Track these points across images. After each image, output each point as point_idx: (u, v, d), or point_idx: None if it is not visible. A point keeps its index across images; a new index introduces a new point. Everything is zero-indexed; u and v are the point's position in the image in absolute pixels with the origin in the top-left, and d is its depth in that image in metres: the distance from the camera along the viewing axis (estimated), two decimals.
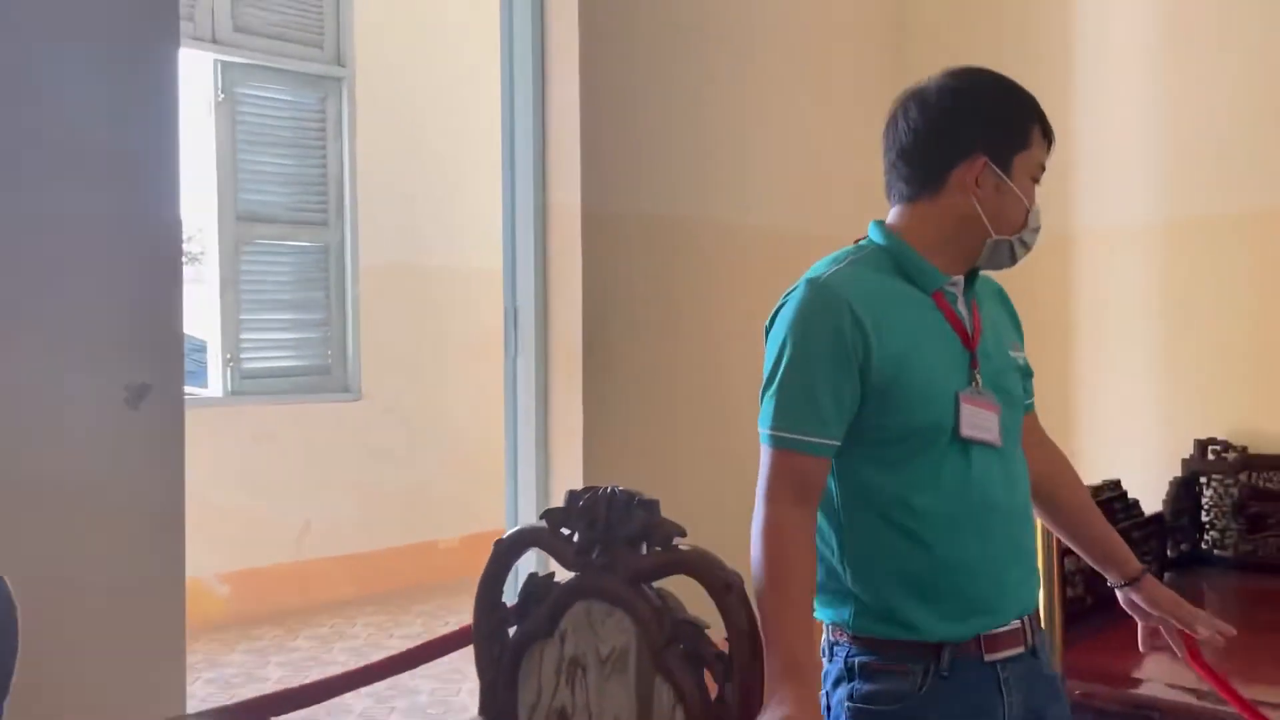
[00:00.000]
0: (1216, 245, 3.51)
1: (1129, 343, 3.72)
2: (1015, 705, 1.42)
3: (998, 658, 1.41)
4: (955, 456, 1.41)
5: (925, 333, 1.43)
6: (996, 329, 1.52)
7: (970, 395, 1.41)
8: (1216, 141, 3.50)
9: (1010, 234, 1.46)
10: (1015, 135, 1.45)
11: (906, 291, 1.44)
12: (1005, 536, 1.44)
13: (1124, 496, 3.10)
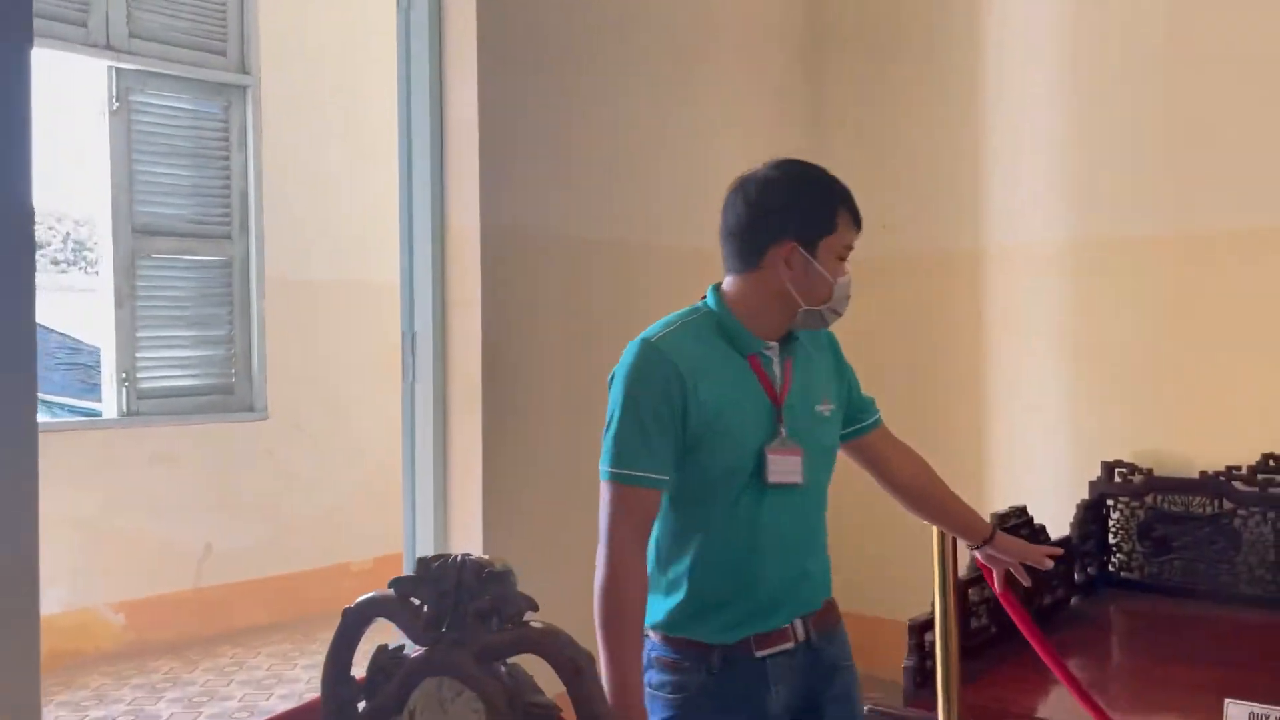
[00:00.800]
0: (1125, 266, 3.53)
1: (1041, 362, 3.72)
2: (782, 693, 1.70)
3: (767, 653, 1.69)
4: (752, 495, 1.68)
5: (738, 390, 1.68)
6: (811, 384, 1.77)
7: (775, 447, 1.68)
8: (1126, 163, 3.52)
9: (818, 305, 1.71)
10: (822, 223, 1.69)
11: (725, 353, 1.69)
12: (789, 560, 1.72)
13: (1030, 523, 3.08)
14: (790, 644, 1.72)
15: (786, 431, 1.69)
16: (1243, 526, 3.22)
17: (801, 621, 1.73)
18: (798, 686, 1.73)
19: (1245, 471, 3.22)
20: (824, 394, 1.81)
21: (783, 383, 1.72)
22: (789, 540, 1.73)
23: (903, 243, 4.05)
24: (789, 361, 1.75)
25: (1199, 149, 3.36)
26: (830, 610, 1.80)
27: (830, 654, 1.78)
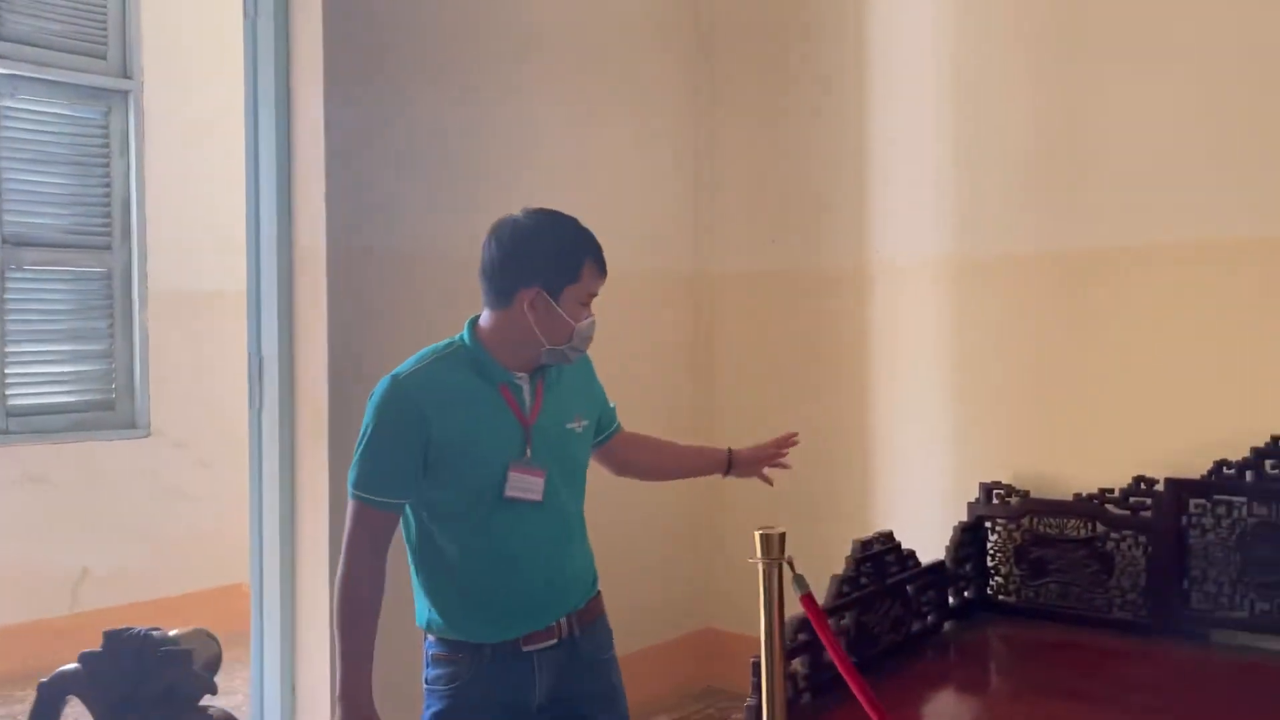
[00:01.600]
0: (1005, 286, 3.48)
1: (923, 382, 3.66)
2: (544, 684, 1.90)
3: (533, 649, 1.89)
4: (502, 511, 1.85)
5: (485, 417, 1.85)
6: (563, 404, 1.96)
7: (520, 465, 1.86)
8: (1006, 183, 3.47)
9: (560, 345, 1.89)
10: (567, 272, 1.86)
11: (475, 384, 1.86)
12: (548, 564, 1.92)
13: (896, 549, 3.01)
14: (555, 640, 1.91)
15: (531, 452, 1.87)
16: (1115, 550, 3.18)
17: (567, 619, 1.93)
18: (560, 676, 1.93)
19: (1118, 494, 3.18)
20: (576, 412, 2.00)
21: (533, 406, 1.91)
22: (545, 547, 1.92)
23: (789, 258, 3.98)
24: (540, 384, 1.93)
25: (1078, 169, 3.32)
26: (593, 606, 2.01)
27: (590, 647, 1.98)
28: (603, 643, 2.04)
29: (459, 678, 1.87)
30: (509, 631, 1.86)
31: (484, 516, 1.84)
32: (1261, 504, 2.94)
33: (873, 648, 2.84)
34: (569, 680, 1.94)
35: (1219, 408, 3.06)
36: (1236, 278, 3.05)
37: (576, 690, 1.96)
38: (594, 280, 1.90)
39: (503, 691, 1.87)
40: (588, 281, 1.88)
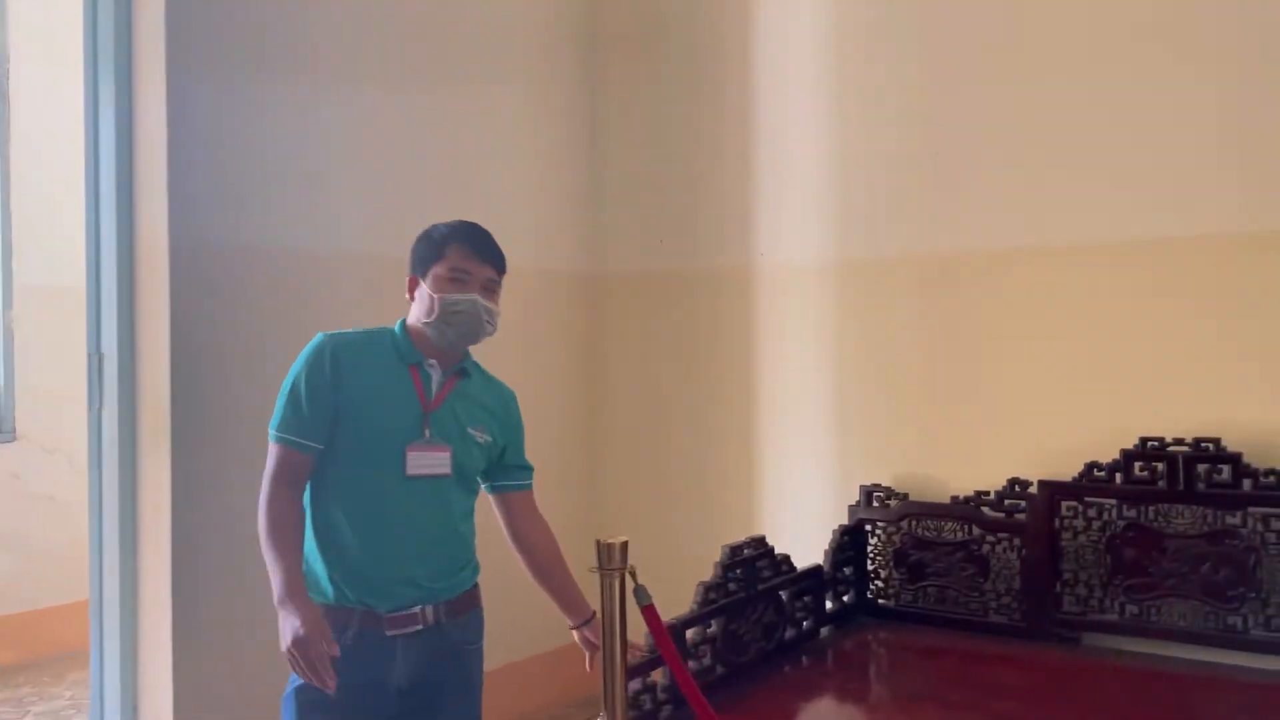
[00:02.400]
0: (885, 288, 3.44)
1: (808, 384, 3.62)
2: (404, 667, 1.98)
3: (398, 633, 1.97)
4: (395, 487, 1.97)
5: (390, 393, 2.00)
6: (469, 411, 2.09)
7: (419, 445, 1.99)
8: (886, 185, 3.44)
9: (431, 319, 2.03)
10: (432, 254, 2.06)
11: (390, 362, 2.03)
12: (428, 552, 2.01)
13: (770, 553, 2.95)
14: (420, 626, 1.99)
15: (430, 434, 2.00)
16: (990, 552, 3.16)
17: (434, 608, 2.01)
18: (421, 662, 2.00)
19: (993, 496, 3.15)
20: (482, 423, 2.11)
21: (438, 394, 2.04)
22: (428, 534, 2.01)
23: (678, 258, 3.91)
24: (451, 382, 2.08)
25: (956, 172, 3.29)
26: (466, 599, 2.09)
27: (457, 635, 2.06)
28: (471, 634, 2.12)
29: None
30: (378, 604, 1.94)
31: (376, 490, 1.95)
32: (1130, 506, 2.93)
33: (742, 655, 2.77)
34: (431, 666, 2.02)
35: (1091, 410, 3.05)
36: (1106, 280, 3.04)
37: (436, 677, 2.03)
38: (462, 259, 2.03)
39: (364, 671, 1.94)
40: (453, 259, 2.02)
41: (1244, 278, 2.84)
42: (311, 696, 1.92)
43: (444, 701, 2.06)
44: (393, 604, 1.97)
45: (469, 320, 2.02)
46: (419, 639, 2.00)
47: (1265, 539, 2.75)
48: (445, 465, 2.01)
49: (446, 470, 2.01)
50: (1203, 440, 2.83)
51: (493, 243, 2.10)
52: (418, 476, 1.98)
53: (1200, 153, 2.90)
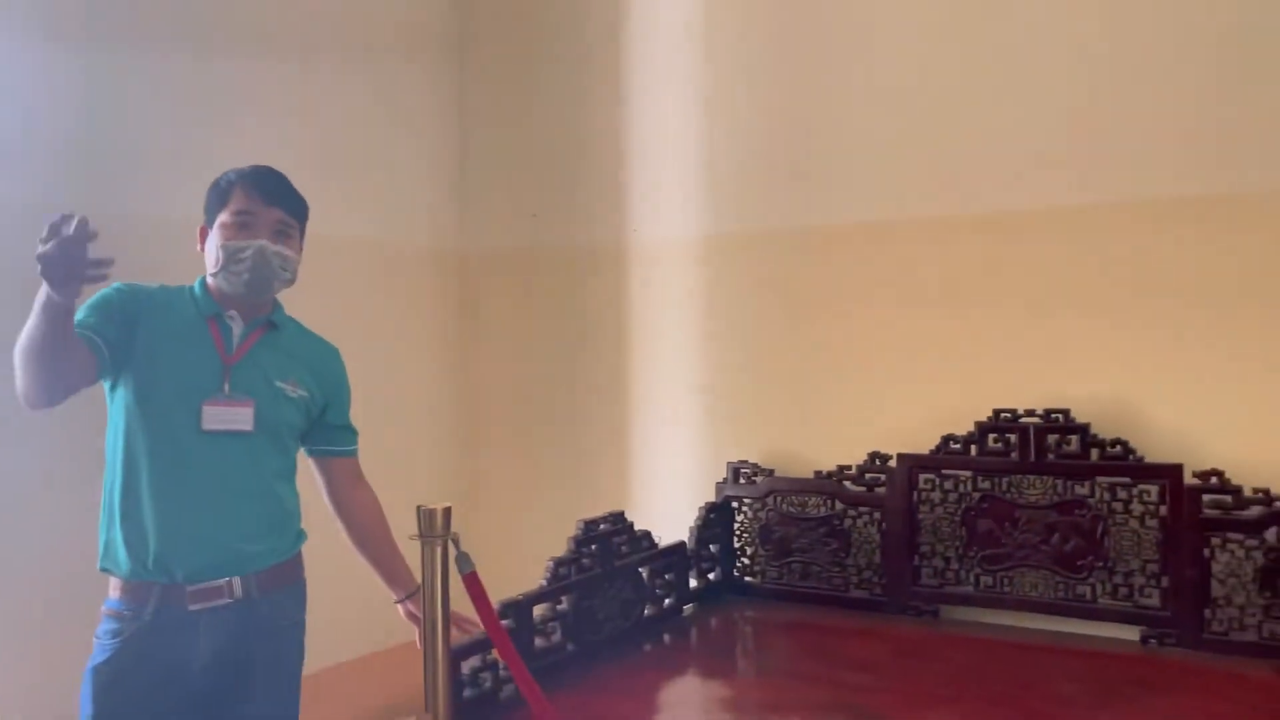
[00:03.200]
0: (754, 264, 3.42)
1: (678, 361, 3.58)
2: (209, 646, 1.83)
3: (200, 608, 1.82)
4: (193, 444, 1.83)
5: (186, 346, 1.87)
6: (279, 365, 1.96)
7: (217, 400, 1.86)
8: (751, 164, 3.42)
9: (218, 269, 1.90)
10: (218, 200, 1.92)
11: (189, 314, 1.90)
12: (232, 517, 1.86)
13: (628, 529, 2.89)
14: (226, 600, 1.85)
15: (231, 388, 1.87)
16: (852, 527, 3.15)
17: (243, 580, 1.87)
18: (230, 639, 1.85)
19: (855, 471, 3.15)
20: (293, 377, 1.98)
21: (239, 347, 1.91)
22: (235, 495, 1.87)
23: (551, 235, 3.84)
24: (257, 334, 1.95)
25: (818, 150, 3.29)
26: (281, 571, 1.95)
27: (270, 610, 1.91)
28: (289, 610, 1.98)
29: (122, 633, 1.81)
30: (173, 567, 1.80)
31: (175, 449, 1.82)
32: (985, 477, 2.95)
33: (596, 633, 2.71)
34: (240, 643, 1.87)
35: (949, 384, 3.07)
36: (963, 256, 3.06)
37: (246, 656, 1.88)
38: (247, 201, 1.89)
39: (165, 650, 1.81)
40: (238, 203, 1.89)
41: (1089, 252, 2.89)
42: (110, 674, 1.80)
43: (253, 686, 1.90)
44: (195, 573, 1.81)
45: (257, 267, 1.88)
46: (226, 614, 1.85)
47: (1112, 508, 2.79)
48: (247, 421, 1.87)
49: (248, 426, 1.87)
50: (1052, 411, 2.87)
51: (284, 183, 1.95)
52: (218, 432, 1.84)
53: (1043, 129, 2.94)
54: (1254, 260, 2.69)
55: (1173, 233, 2.79)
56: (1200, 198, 2.75)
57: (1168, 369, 2.79)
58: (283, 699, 1.97)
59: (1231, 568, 2.65)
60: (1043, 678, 2.47)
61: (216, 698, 1.87)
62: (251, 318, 1.95)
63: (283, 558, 1.96)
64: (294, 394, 1.96)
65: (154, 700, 1.80)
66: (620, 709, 2.33)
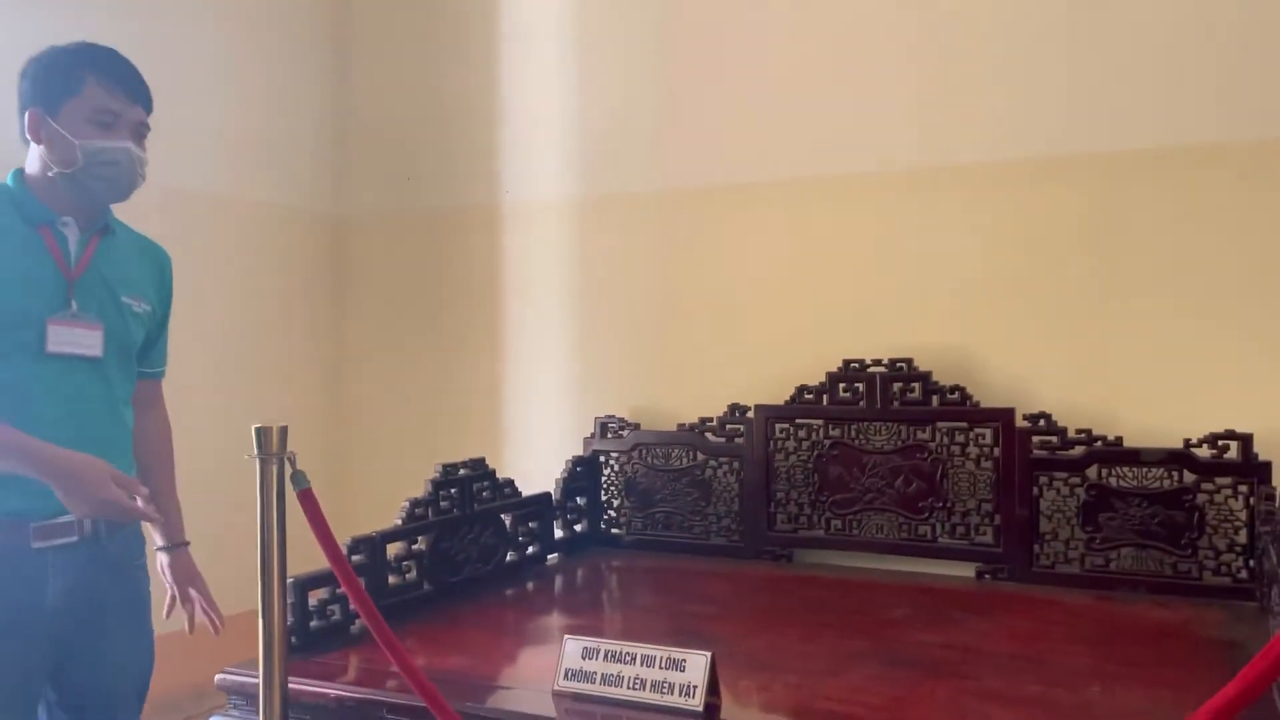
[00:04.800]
0: (620, 224, 3.50)
1: (551, 319, 3.64)
2: (59, 585, 1.71)
3: (46, 545, 1.69)
4: (34, 366, 1.68)
5: (18, 256, 1.68)
6: (121, 276, 1.81)
7: (63, 318, 1.70)
8: (618, 124, 3.50)
9: (69, 170, 1.71)
10: (62, 86, 1.71)
11: (14, 224, 1.70)
12: (75, 443, 1.67)
13: (489, 476, 2.94)
14: (74, 537, 1.73)
15: (78, 305, 1.72)
16: (713, 477, 3.25)
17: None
18: (81, 581, 1.75)
19: (716, 423, 3.25)
20: (137, 292, 1.85)
21: (80, 259, 1.76)
22: (84, 425, 1.74)
23: (425, 196, 3.86)
24: (94, 243, 1.79)
25: (686, 111, 3.38)
26: None
27: (117, 550, 1.81)
28: (135, 549, 1.89)
29: None
30: (15, 503, 1.66)
31: (15, 376, 1.66)
32: (835, 425, 3.08)
33: (454, 575, 2.75)
34: (90, 583, 1.77)
35: (804, 336, 3.19)
36: (814, 213, 3.19)
37: (99, 596, 1.79)
38: (105, 97, 1.72)
39: (11, 590, 1.68)
40: (96, 96, 1.71)
41: (929, 211, 3.04)
42: None
43: (109, 621, 1.82)
44: (41, 509, 1.69)
45: (123, 173, 1.73)
46: (75, 552, 1.73)
47: (950, 451, 2.94)
48: (96, 345, 1.74)
49: (97, 351, 1.74)
50: (897, 361, 3.00)
51: (139, 76, 1.80)
52: (63, 355, 1.70)
53: (891, 94, 3.08)
54: (1081, 218, 2.87)
55: (1007, 193, 2.95)
56: (1032, 159, 2.91)
57: (1001, 320, 2.95)
58: (141, 641, 1.90)
59: (1057, 505, 2.81)
60: (878, 606, 2.60)
61: (71, 641, 1.77)
62: (88, 224, 1.78)
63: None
64: (139, 309, 1.84)
65: (1, 648, 1.68)
66: (469, 637, 2.38)
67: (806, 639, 2.32)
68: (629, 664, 1.93)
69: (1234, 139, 2.70)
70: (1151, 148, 2.79)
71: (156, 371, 2.01)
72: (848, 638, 2.32)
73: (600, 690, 1.92)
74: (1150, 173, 2.79)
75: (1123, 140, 2.82)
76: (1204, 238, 2.74)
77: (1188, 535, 2.67)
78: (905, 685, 1.99)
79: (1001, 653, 2.20)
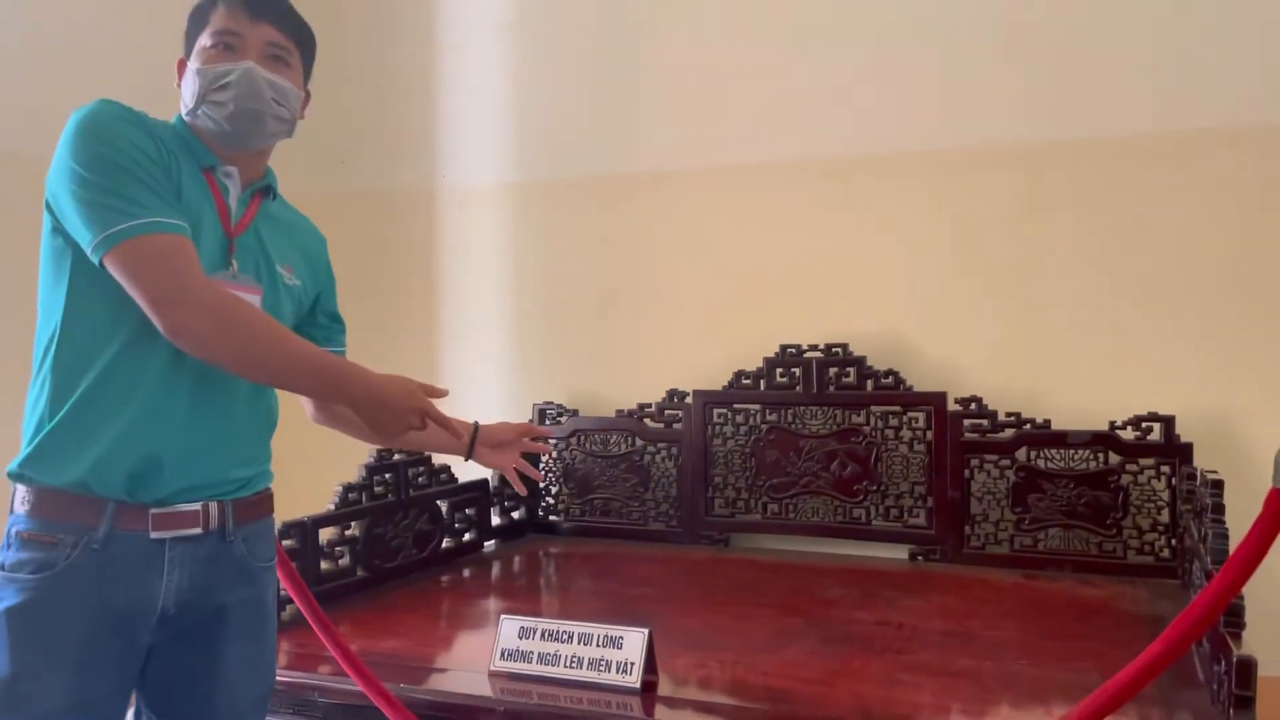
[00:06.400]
0: (560, 211, 3.48)
1: (488, 305, 3.61)
2: (176, 587, 1.43)
3: (166, 535, 1.42)
4: None
5: (194, 202, 1.45)
6: (276, 243, 1.58)
7: (223, 279, 1.45)
8: (560, 109, 3.48)
9: (200, 103, 1.50)
10: (198, 25, 1.54)
11: (184, 157, 1.47)
12: (215, 425, 1.46)
13: (424, 461, 2.91)
14: (198, 529, 1.45)
15: (238, 266, 1.49)
16: (651, 463, 3.26)
17: (219, 505, 1.47)
18: (198, 580, 1.46)
19: (654, 409, 3.25)
20: (290, 262, 1.62)
21: (242, 216, 1.53)
22: (218, 401, 1.48)
23: (360, 180, 3.81)
24: (255, 203, 1.57)
25: (624, 96, 3.38)
26: (260, 502, 1.57)
27: (244, 551, 1.52)
28: (265, 550, 1.59)
29: (53, 564, 1.35)
30: (135, 492, 1.39)
31: (153, 328, 1.37)
32: (772, 410, 3.10)
33: (389, 561, 2.72)
34: (211, 584, 1.47)
35: (742, 322, 3.20)
36: (753, 200, 3.21)
37: (218, 600, 1.48)
38: (226, 19, 1.51)
39: (114, 591, 1.37)
40: (218, 21, 1.51)
41: (864, 198, 3.07)
42: (27, 621, 1.34)
43: (228, 631, 1.50)
44: (166, 494, 1.42)
45: (244, 96, 1.48)
46: (197, 547, 1.45)
47: (884, 435, 2.98)
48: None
49: None
50: (833, 346, 3.03)
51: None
52: None
53: (822, 83, 3.10)
54: (1010, 206, 2.92)
55: (939, 181, 2.99)
56: (964, 148, 2.96)
57: (934, 305, 3.00)
58: (263, 657, 1.60)
59: (988, 486, 2.87)
60: (813, 587, 2.63)
61: (181, 651, 1.48)
62: (250, 179, 1.57)
63: (261, 486, 1.59)
64: (291, 282, 1.61)
65: (93, 655, 1.37)
66: (405, 621, 2.36)
67: (743, 618, 2.34)
68: (566, 643, 1.92)
69: (1155, 131, 2.78)
70: (1076, 139, 2.85)
71: (339, 348, 1.79)
72: (784, 616, 2.34)
73: (537, 669, 1.92)
74: (1075, 163, 2.86)
75: (1050, 131, 2.88)
76: (1127, 227, 2.81)
77: (1112, 515, 2.74)
78: (840, 660, 2.01)
79: (933, 629, 2.24)
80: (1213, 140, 2.72)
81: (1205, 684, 1.81)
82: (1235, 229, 2.72)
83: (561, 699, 1.82)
